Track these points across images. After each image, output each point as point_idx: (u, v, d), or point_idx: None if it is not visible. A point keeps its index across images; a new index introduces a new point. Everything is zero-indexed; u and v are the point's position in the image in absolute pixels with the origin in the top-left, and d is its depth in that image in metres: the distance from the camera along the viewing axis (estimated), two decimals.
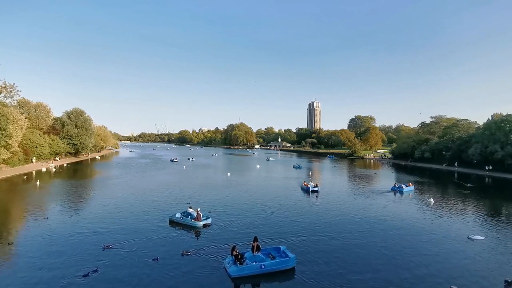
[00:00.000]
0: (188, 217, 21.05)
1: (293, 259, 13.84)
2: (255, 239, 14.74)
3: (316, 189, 34.10)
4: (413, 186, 38.15)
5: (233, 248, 13.73)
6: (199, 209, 21.50)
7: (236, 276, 12.66)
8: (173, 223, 20.90)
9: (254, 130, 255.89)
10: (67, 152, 76.91)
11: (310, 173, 56.27)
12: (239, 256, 13.42)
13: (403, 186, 36.56)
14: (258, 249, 14.49)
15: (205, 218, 21.17)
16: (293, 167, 69.69)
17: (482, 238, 17.98)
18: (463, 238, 18.17)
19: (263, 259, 13.78)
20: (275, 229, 19.93)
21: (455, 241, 17.67)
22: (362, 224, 21.27)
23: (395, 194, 34.51)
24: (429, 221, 22.63)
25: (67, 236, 17.73)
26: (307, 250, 15.98)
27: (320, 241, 17.58)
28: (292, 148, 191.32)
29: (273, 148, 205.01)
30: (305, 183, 36.73)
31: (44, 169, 53.31)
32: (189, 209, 22.37)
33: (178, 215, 21.48)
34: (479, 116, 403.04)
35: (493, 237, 18.73)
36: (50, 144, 66.72)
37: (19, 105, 68.73)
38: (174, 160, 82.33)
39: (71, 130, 77.31)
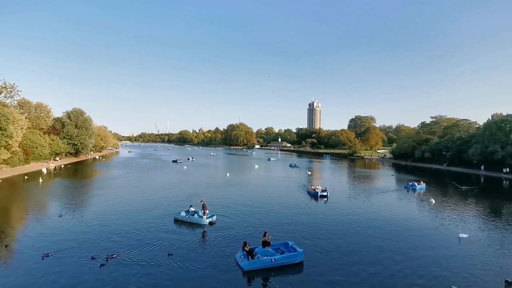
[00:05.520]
0: (194, 215, 21.22)
1: (301, 253, 14.36)
2: (265, 234, 15.23)
3: (325, 193, 31.73)
4: (425, 184, 38.88)
5: (245, 244, 14.25)
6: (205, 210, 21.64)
7: (248, 270, 13.19)
8: (178, 221, 21.01)
9: (254, 130, 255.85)
10: (67, 152, 76.87)
11: (310, 173, 56.22)
12: (251, 251, 13.90)
13: (416, 184, 37.69)
14: (268, 244, 14.91)
15: (209, 216, 21.33)
16: (290, 166, 71.57)
17: (466, 235, 18.05)
18: (463, 238, 18.13)
19: (273, 254, 14.31)
20: (281, 228, 20.03)
21: (456, 241, 17.69)
22: (368, 224, 21.43)
23: (408, 192, 35.53)
24: (430, 221, 22.66)
25: (70, 236, 17.80)
26: (315, 246, 16.32)
27: (327, 239, 17.88)
28: (292, 148, 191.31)
29: (273, 148, 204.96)
30: (313, 187, 34.05)
31: (44, 169, 53.29)
32: (190, 208, 22.45)
33: (183, 213, 21.64)
34: (479, 116, 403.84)
35: (494, 237, 18.73)
36: (50, 144, 66.70)
37: (19, 105, 68.76)
38: (178, 161, 78.75)
39: (71, 130, 77.25)
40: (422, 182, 39.00)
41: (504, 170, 53.16)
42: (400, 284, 12.22)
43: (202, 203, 21.89)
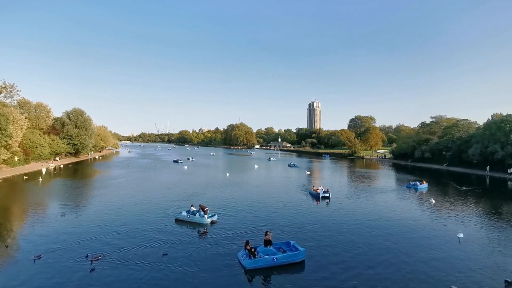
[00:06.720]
0: (195, 215, 21.24)
1: (303, 252, 14.43)
2: (266, 233, 15.31)
3: (327, 195, 31.06)
4: (427, 184, 38.50)
5: (247, 243, 14.33)
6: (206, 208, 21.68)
7: (250, 268, 13.29)
8: (178, 221, 20.99)
9: (254, 130, 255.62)
10: (67, 152, 76.81)
11: (308, 172, 56.26)
12: (253, 250, 13.98)
13: (418, 183, 37.26)
14: (269, 243, 14.97)
15: (211, 215, 21.36)
16: (289, 165, 71.89)
17: (466, 235, 18.11)
18: (463, 238, 18.16)
19: (275, 253, 14.42)
20: (282, 227, 20.07)
21: (455, 241, 17.68)
22: (368, 224, 21.46)
23: (409, 191, 35.43)
24: (430, 221, 22.64)
25: (68, 236, 17.72)
26: (316, 246, 16.42)
27: (329, 238, 17.99)
28: (292, 148, 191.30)
29: (273, 148, 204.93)
30: (314, 188, 33.12)
31: (44, 169, 53.23)
32: (191, 207, 22.47)
33: (184, 213, 21.64)
34: (479, 116, 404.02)
35: (493, 237, 18.74)
36: (50, 144, 66.65)
37: (19, 105, 68.70)
38: (178, 161, 78.70)
39: (71, 130, 77.19)
40: (424, 182, 38.51)
41: (509, 171, 52.20)
42: (400, 284, 12.23)
43: (200, 206, 21.90)
